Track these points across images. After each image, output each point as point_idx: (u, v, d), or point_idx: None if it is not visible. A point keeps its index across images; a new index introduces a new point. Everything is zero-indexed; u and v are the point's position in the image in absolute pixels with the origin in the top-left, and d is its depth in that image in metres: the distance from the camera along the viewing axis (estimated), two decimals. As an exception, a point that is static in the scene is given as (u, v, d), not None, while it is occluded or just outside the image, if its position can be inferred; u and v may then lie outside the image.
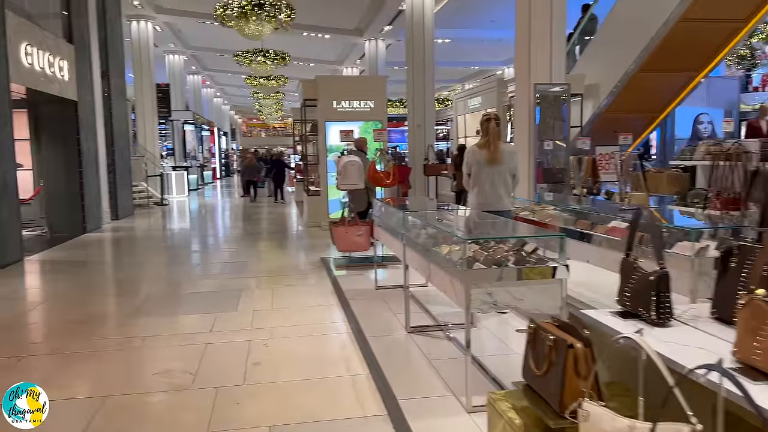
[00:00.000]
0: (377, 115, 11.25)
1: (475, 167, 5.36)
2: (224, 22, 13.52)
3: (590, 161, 8.35)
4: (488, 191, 5.30)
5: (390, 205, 5.88)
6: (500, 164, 5.26)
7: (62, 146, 11.12)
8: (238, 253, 8.96)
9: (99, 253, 9.46)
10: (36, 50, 9.20)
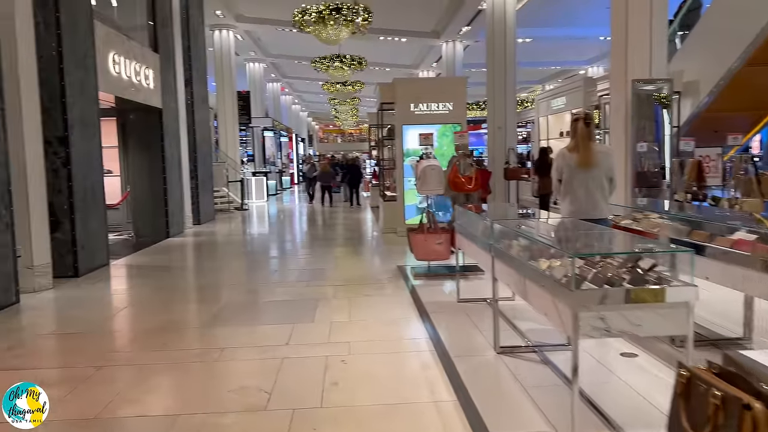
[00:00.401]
0: (456, 118, 10.84)
1: (566, 172, 4.87)
2: (302, 27, 13.56)
3: (695, 164, 7.58)
4: (582, 198, 4.80)
5: (474, 212, 5.47)
6: (594, 167, 4.76)
7: (147, 153, 11.43)
8: (314, 260, 8.81)
9: (180, 258, 9.60)
10: (123, 59, 9.46)
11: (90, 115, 8.14)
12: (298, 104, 43.72)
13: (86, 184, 8.01)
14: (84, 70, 7.98)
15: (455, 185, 7.03)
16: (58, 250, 7.55)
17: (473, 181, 7.00)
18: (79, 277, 7.65)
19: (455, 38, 19.28)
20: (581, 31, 19.09)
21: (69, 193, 7.60)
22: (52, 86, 7.41)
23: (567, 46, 21.69)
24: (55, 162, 7.53)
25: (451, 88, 10.96)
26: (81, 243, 7.80)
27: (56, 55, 7.39)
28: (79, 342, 4.95)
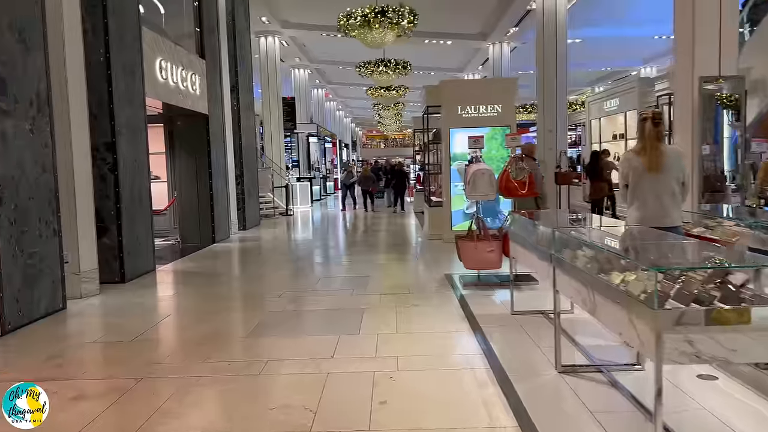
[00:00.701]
0: (505, 120, 10.47)
1: (633, 177, 4.49)
2: (347, 31, 13.43)
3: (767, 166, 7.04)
4: (651, 204, 4.41)
5: (530, 218, 5.13)
6: (663, 171, 4.36)
7: (194, 159, 11.47)
8: (359, 267, 8.59)
9: (225, 264, 9.53)
10: (170, 65, 9.49)
11: (137, 121, 8.16)
12: (342, 110, 43.86)
13: (133, 189, 8.02)
14: (131, 76, 8.00)
15: (507, 190, 6.69)
16: (105, 255, 7.56)
17: (526, 185, 6.64)
18: (125, 283, 7.64)
19: (502, 40, 18.86)
20: (634, 30, 18.35)
21: (116, 198, 7.61)
22: (100, 92, 7.43)
23: (618, 47, 20.92)
24: (103, 168, 7.54)
25: (501, 90, 10.60)
26: (127, 249, 7.79)
27: (104, 61, 7.41)
28: (121, 351, 4.84)
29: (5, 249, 5.35)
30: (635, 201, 4.51)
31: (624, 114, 14.56)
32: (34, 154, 5.84)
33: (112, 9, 7.49)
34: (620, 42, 20.02)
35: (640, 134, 4.46)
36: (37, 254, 5.83)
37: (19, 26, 5.64)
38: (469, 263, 6.80)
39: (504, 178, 6.70)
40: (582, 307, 3.56)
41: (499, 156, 10.51)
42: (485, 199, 6.83)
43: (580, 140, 20.46)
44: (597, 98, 16.49)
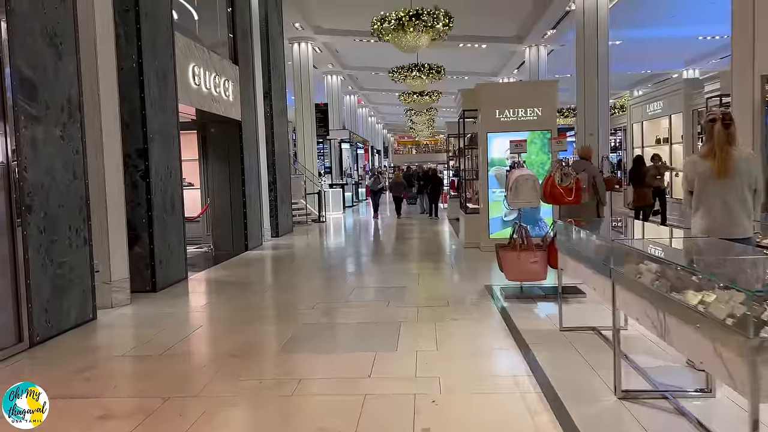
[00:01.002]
0: (546, 124, 10.07)
1: (699, 183, 4.11)
2: (381, 35, 13.21)
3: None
4: (719, 213, 4.02)
5: (585, 228, 4.76)
6: (733, 177, 3.97)
7: (227, 165, 11.37)
8: (394, 276, 8.31)
9: (257, 273, 9.34)
10: (203, 71, 9.39)
11: (169, 127, 8.05)
12: (374, 116, 43.79)
13: (165, 197, 7.90)
14: (164, 82, 7.90)
15: (552, 197, 6.31)
16: (137, 264, 7.44)
17: (573, 192, 6.26)
18: (156, 292, 7.50)
19: (539, 42, 18.41)
20: (677, 31, 17.71)
21: (148, 206, 7.49)
22: (132, 99, 7.33)
23: (659, 49, 20.24)
24: (134, 175, 7.44)
25: (541, 93, 10.20)
26: (159, 257, 7.66)
27: (136, 66, 7.32)
28: (150, 366, 4.64)
29: (34, 258, 5.22)
30: (700, 208, 4.12)
31: (668, 117, 13.97)
32: (65, 160, 5.72)
33: (145, 14, 7.39)
34: (661, 43, 19.36)
35: (708, 136, 4.08)
36: (67, 264, 5.71)
37: (51, 31, 5.54)
38: (512, 274, 6.44)
39: (549, 184, 6.33)
40: (648, 328, 3.20)
41: (539, 161, 10.12)
42: (528, 207, 6.47)
43: (620, 145, 19.81)
44: (639, 101, 15.90)
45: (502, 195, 10.23)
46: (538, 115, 10.11)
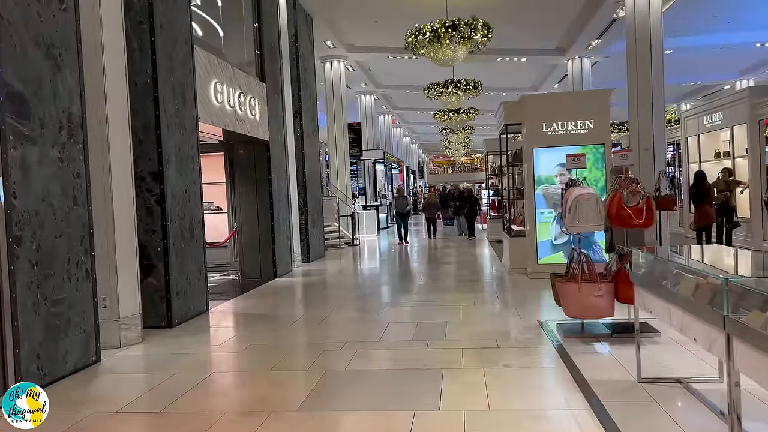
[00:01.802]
0: (599, 138, 9.16)
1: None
2: (416, 49, 12.51)
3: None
4: None
5: (673, 258, 3.86)
6: None
7: (254, 188, 10.76)
8: (432, 309, 7.46)
9: (285, 304, 8.60)
10: (226, 88, 8.82)
11: (188, 147, 7.45)
12: (408, 136, 43.19)
13: (183, 223, 7.27)
14: (182, 98, 7.32)
15: (619, 219, 5.40)
16: (151, 297, 6.80)
17: (644, 213, 5.33)
18: (172, 328, 6.84)
19: (583, 54, 17.47)
20: (733, 37, 16.54)
21: (163, 233, 6.86)
22: (146, 116, 6.76)
23: (712, 58, 19.01)
24: (149, 199, 6.83)
25: (592, 103, 9.30)
26: (176, 289, 7.01)
27: (151, 82, 6.75)
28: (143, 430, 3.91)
29: (24, 296, 4.58)
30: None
31: (730, 129, 12.82)
32: (64, 184, 5.11)
33: (160, 26, 6.84)
34: (714, 52, 18.15)
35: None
36: (65, 301, 5.06)
37: (48, 41, 4.97)
38: (572, 310, 5.52)
39: (614, 204, 5.42)
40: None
41: (592, 177, 9.18)
42: (592, 231, 5.58)
43: (673, 160, 18.58)
44: (694, 113, 14.77)
45: (553, 216, 9.32)
46: (590, 128, 9.21)
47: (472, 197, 20.25)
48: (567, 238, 9.34)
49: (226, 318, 7.63)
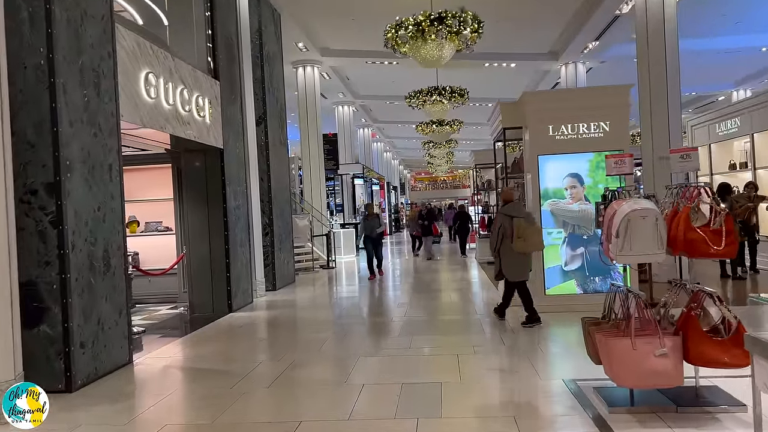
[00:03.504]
0: (616, 143, 7.64)
1: None
2: (397, 46, 10.96)
3: None
4: None
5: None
6: None
7: (205, 205, 9.04)
8: (421, 360, 5.79)
9: (232, 352, 6.81)
10: (164, 82, 7.13)
11: (103, 152, 5.74)
12: (390, 151, 41.71)
13: (94, 251, 5.54)
14: (94, 89, 5.63)
15: (689, 245, 3.80)
16: (44, 351, 5.06)
17: (723, 237, 3.75)
18: (72, 392, 5.09)
19: (578, 59, 16.11)
20: (739, 40, 15.30)
21: (61, 265, 5.11)
22: (40, 110, 5.06)
23: (711, 65, 17.73)
24: (41, 220, 5.09)
25: (608, 102, 7.79)
26: (80, 339, 5.26)
27: (46, 64, 5.06)
28: None
29: None
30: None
31: (750, 137, 11.44)
32: None
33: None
34: (715, 58, 16.87)
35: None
36: None
37: None
38: (626, 377, 3.85)
39: (681, 224, 3.82)
40: None
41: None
42: (650, 261, 3.98)
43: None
44: (704, 121, 13.42)
45: (562, 237, 7.75)
46: (605, 131, 7.69)
47: (464, 213, 18.76)
48: (580, 264, 7.78)
49: (152, 375, 5.85)
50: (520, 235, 6.74)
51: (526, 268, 7.16)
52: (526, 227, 6.80)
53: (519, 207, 7.23)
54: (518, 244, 6.75)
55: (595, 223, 4.37)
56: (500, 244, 7.02)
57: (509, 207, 7.14)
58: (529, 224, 6.88)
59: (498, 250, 7.10)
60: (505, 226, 6.98)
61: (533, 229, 6.89)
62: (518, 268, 7.06)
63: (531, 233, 6.80)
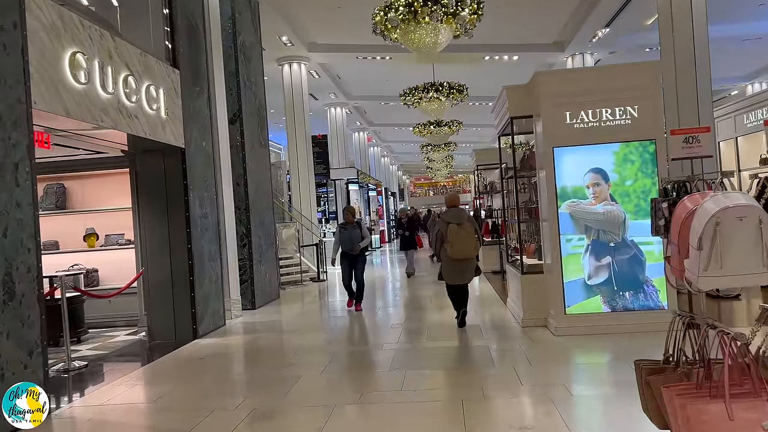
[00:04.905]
0: (647, 131, 6.38)
1: None
2: (387, 31, 9.72)
3: None
4: None
5: None
6: None
7: (164, 213, 7.77)
8: (417, 410, 4.48)
9: (184, 396, 5.49)
10: (99, 65, 5.87)
11: (3, 149, 4.48)
12: (387, 156, 40.46)
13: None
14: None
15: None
16: None
17: None
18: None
19: (585, 49, 14.87)
20: (763, 26, 14.07)
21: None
22: None
23: (730, 54, 16.46)
24: None
25: (636, 82, 6.51)
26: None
27: None
28: None
29: None
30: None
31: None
32: None
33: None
34: (737, 46, 15.63)
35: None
36: None
37: None
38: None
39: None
40: None
41: (640, 188, 6.38)
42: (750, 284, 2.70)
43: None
44: (729, 112, 12.14)
45: (585, 244, 6.48)
46: (634, 117, 6.42)
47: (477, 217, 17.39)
48: (606, 276, 6.49)
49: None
50: (449, 240, 6.96)
51: (457, 273, 7.23)
52: (456, 233, 6.97)
53: (459, 213, 7.25)
54: (448, 249, 7.00)
55: (654, 229, 3.06)
56: (440, 248, 7.23)
57: (449, 213, 7.25)
58: (460, 229, 6.99)
59: (438, 253, 7.37)
60: (442, 232, 7.14)
61: (462, 234, 6.98)
62: (449, 272, 7.27)
63: (458, 239, 6.96)
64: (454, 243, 6.94)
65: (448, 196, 7.62)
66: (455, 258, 7.05)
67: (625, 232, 6.40)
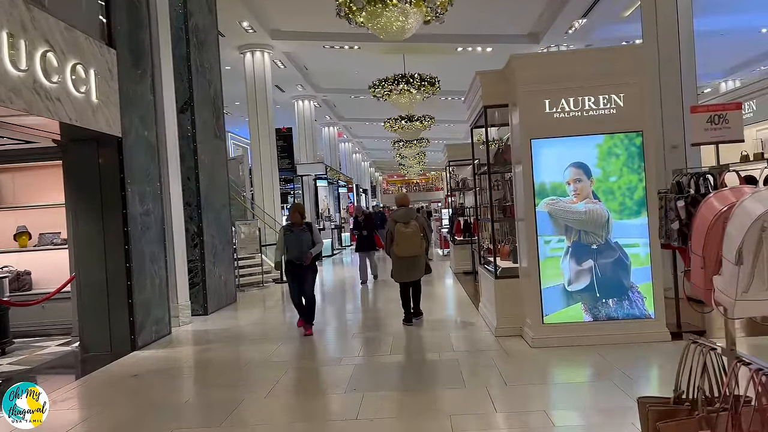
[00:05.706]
0: (633, 122, 5.79)
1: None
2: (352, 15, 9.01)
3: None
4: None
5: None
6: None
7: (98, 210, 6.93)
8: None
9: (113, 421, 4.70)
10: (7, 38, 5.01)
11: None
12: (359, 153, 39.69)
13: None
14: None
15: None
16: None
17: None
18: None
19: (560, 41, 14.36)
20: (739, 21, 13.73)
21: None
22: None
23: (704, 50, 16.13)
24: None
25: (622, 67, 5.90)
26: None
27: None
28: None
29: None
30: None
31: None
32: None
33: None
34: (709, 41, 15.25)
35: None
36: None
37: None
38: None
39: None
40: None
41: (625, 184, 5.79)
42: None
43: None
44: (708, 106, 11.69)
45: (564, 246, 5.86)
46: (619, 106, 5.82)
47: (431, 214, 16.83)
48: (588, 282, 5.88)
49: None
50: (395, 239, 7.20)
51: (404, 271, 7.40)
52: (403, 231, 7.18)
53: (406, 212, 7.37)
54: (394, 248, 7.24)
55: (665, 234, 2.41)
56: (390, 247, 7.38)
57: (398, 212, 7.41)
58: (407, 228, 7.17)
59: (389, 252, 7.46)
60: (391, 231, 7.32)
61: (409, 233, 7.17)
62: (398, 270, 7.46)
63: (404, 237, 7.17)
64: (399, 241, 7.17)
65: (398, 195, 7.79)
66: (401, 255, 7.26)
67: (608, 233, 5.80)
